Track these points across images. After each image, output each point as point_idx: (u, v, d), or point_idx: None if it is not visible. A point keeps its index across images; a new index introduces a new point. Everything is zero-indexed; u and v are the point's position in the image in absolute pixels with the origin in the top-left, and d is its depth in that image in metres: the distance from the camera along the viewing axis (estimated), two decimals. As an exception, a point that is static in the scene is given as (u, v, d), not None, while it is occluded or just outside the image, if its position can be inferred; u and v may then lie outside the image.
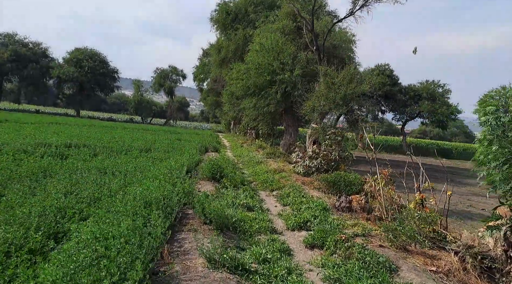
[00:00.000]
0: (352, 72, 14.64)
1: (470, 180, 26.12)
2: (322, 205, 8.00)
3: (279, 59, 20.40)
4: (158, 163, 12.05)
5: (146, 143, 19.06)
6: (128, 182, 7.98)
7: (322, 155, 12.14)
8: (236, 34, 30.66)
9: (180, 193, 6.87)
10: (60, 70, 61.41)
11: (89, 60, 63.89)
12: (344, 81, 14.27)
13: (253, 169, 15.26)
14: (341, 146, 11.94)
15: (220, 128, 65.82)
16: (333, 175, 10.18)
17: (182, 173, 9.50)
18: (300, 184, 11.25)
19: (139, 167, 10.53)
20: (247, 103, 23.57)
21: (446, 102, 53.14)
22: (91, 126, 30.53)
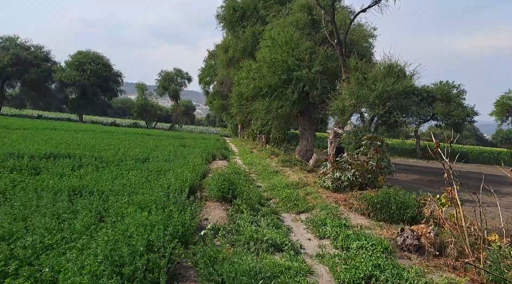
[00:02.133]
0: (390, 64, 12.29)
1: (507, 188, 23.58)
2: (381, 243, 5.60)
3: (295, 55, 18.11)
4: (155, 177, 9.75)
5: (145, 150, 16.81)
6: (104, 214, 5.70)
7: (356, 165, 9.77)
8: (244, 31, 28.43)
9: (175, 236, 4.55)
10: (62, 74, 59.68)
11: (92, 63, 62.15)
12: (379, 75, 11.94)
13: (270, 181, 12.92)
14: (380, 154, 9.57)
15: (227, 132, 63.62)
16: (381, 194, 7.78)
17: (183, 194, 7.17)
18: (333, 204, 8.88)
19: (129, 184, 8.24)
20: (258, 106, 21.29)
21: (461, 104, 50.51)
22: (89, 132, 28.42)
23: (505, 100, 54.32)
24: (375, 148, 9.62)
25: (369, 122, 12.00)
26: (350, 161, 10.05)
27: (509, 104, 54.04)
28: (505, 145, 75.17)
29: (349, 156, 10.43)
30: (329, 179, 10.20)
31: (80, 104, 63.98)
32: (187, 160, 14.24)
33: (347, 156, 10.55)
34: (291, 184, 11.51)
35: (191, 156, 15.68)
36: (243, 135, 45.29)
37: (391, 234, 6.40)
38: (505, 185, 26.44)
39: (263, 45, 19.92)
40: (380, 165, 9.43)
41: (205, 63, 58.92)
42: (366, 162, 9.80)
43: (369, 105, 11.79)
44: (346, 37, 16.87)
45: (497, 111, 54.78)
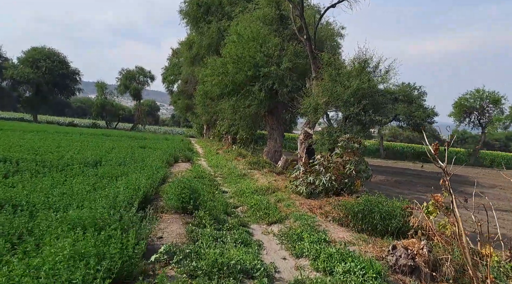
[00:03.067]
0: (365, 60, 11.54)
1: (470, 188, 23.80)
2: (371, 266, 4.64)
3: (263, 51, 17.14)
4: (103, 184, 8.40)
5: (99, 152, 15.22)
6: (25, 237, 4.40)
7: (332, 169, 8.89)
8: (209, 27, 27.17)
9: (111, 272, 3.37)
10: (14, 71, 55.64)
11: (47, 60, 58.37)
12: (354, 71, 11.17)
13: (237, 186, 11.85)
14: (358, 157, 8.75)
15: (192, 133, 61.80)
16: (362, 202, 6.90)
17: (133, 206, 5.93)
18: (308, 212, 7.94)
19: (70, 194, 6.89)
20: (224, 105, 20.16)
21: (422, 105, 51.79)
22: (41, 133, 26.07)
23: (462, 102, 56.32)
24: (352, 150, 8.78)
25: (343, 122, 11.15)
26: (325, 164, 9.15)
27: (466, 105, 56.15)
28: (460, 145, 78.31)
29: (323, 158, 9.54)
30: (302, 184, 9.26)
31: (34, 103, 59.96)
32: (145, 163, 12.89)
33: (321, 159, 9.65)
34: (260, 189, 10.49)
35: (150, 159, 14.31)
36: (209, 135, 43.93)
37: (379, 250, 5.50)
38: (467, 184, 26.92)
39: (228, 40, 18.80)
40: (359, 169, 8.60)
41: (169, 61, 56.94)
42: (343, 165, 8.94)
43: (343, 103, 11.01)
44: (315, 33, 16.09)
45: (455, 112, 56.67)
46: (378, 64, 11.44)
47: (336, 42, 23.15)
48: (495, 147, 76.64)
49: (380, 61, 11.44)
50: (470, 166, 54.16)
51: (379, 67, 11.45)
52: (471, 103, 55.11)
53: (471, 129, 61.93)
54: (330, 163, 9.24)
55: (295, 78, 16.84)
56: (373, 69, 11.50)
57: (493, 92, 53.54)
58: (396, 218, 6.53)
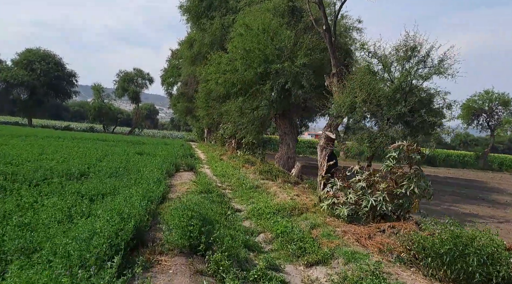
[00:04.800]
0: (413, 47, 9.45)
1: (497, 196, 21.80)
2: None
3: (274, 43, 15.14)
4: (83, 209, 6.33)
5: (88, 160, 13.16)
6: None
7: (385, 187, 6.82)
8: (212, 23, 25.12)
9: None
10: (8, 73, 53.60)
11: (42, 62, 56.33)
12: (400, 60, 9.12)
13: (252, 202, 9.78)
14: (418, 171, 6.70)
15: (192, 137, 59.71)
16: (448, 239, 4.82)
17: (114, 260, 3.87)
18: (356, 244, 5.89)
19: (31, 227, 4.86)
20: (230, 106, 18.15)
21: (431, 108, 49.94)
22: (30, 137, 23.98)
23: (471, 104, 54.71)
24: (410, 161, 6.73)
25: (385, 124, 9.08)
26: (373, 179, 7.08)
27: (474, 107, 54.54)
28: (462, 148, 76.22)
29: (364, 172, 7.48)
30: (343, 204, 7.17)
31: (29, 106, 57.88)
32: (141, 175, 10.82)
33: (361, 170, 7.59)
34: (283, 208, 8.40)
35: (148, 168, 12.25)
36: (210, 139, 41.86)
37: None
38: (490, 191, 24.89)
39: (235, 33, 16.79)
40: (420, 186, 6.55)
41: (168, 63, 55.00)
42: (395, 180, 6.89)
43: (387, 101, 8.98)
44: (335, 23, 14.10)
45: (463, 114, 54.96)
46: (429, 52, 9.41)
47: (350, 38, 21.23)
48: (499, 150, 74.73)
49: (433, 48, 9.38)
50: (480, 170, 52.18)
51: (430, 55, 9.42)
52: (479, 105, 53.39)
53: (479, 132, 59.99)
54: (376, 177, 7.18)
55: (311, 75, 14.81)
56: (423, 58, 9.47)
57: (502, 94, 51.83)
58: (503, 262, 4.47)
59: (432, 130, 9.44)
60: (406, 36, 9.40)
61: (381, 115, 9.25)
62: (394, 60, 9.53)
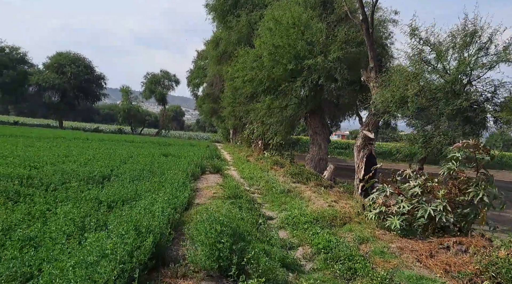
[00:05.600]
0: (473, 31, 8.26)
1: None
2: None
3: (305, 38, 14.18)
4: (99, 218, 5.62)
5: (112, 163, 12.64)
6: None
7: (445, 194, 5.75)
8: (238, 21, 24.37)
9: None
10: (40, 76, 54.99)
11: (72, 65, 57.47)
12: (457, 47, 7.96)
13: (284, 208, 8.88)
14: (487, 176, 5.62)
15: (218, 138, 59.40)
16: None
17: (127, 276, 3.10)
18: (421, 268, 4.88)
19: (35, 242, 4.18)
20: (257, 105, 17.33)
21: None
22: (58, 139, 24.03)
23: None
24: (478, 164, 5.64)
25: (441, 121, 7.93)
26: (431, 184, 6.02)
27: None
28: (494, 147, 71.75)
29: (419, 176, 6.43)
30: (395, 214, 6.14)
31: (60, 109, 59.27)
32: (165, 177, 10.14)
33: (414, 174, 6.54)
34: (321, 217, 7.44)
35: (173, 171, 11.57)
36: (236, 140, 41.23)
37: None
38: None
39: (263, 28, 15.93)
40: (486, 192, 5.46)
41: (194, 64, 54.93)
42: (458, 187, 5.81)
43: (444, 94, 7.83)
44: (373, 13, 13.01)
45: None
46: (491, 37, 8.18)
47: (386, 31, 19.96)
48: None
49: (497, 32, 8.11)
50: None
51: (493, 41, 8.18)
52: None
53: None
54: (433, 182, 6.12)
55: (346, 70, 13.75)
56: (485, 44, 8.24)
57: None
58: None
59: (499, 128, 8.19)
60: (464, 20, 8.22)
61: (436, 111, 8.11)
62: (450, 47, 8.36)
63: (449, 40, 8.46)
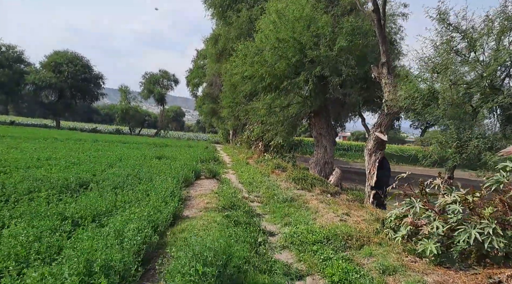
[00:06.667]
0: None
1: None
2: None
3: (311, 30, 13.00)
4: (51, 244, 4.40)
5: (97, 166, 11.42)
6: None
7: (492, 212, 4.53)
8: (238, 16, 23.20)
9: None
10: (36, 75, 53.77)
11: (70, 64, 56.28)
12: (498, 32, 6.74)
13: (289, 224, 7.65)
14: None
15: (217, 139, 58.23)
16: None
17: None
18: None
19: None
20: (258, 104, 16.15)
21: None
22: (48, 140, 22.85)
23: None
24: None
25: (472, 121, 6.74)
26: (473, 200, 4.81)
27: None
28: None
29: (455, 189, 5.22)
30: (429, 237, 4.91)
31: (57, 108, 58.06)
32: (152, 185, 8.92)
33: (448, 186, 5.33)
34: (333, 234, 6.21)
35: (163, 176, 10.36)
36: (236, 142, 40.07)
37: None
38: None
39: (266, 21, 14.71)
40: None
41: (194, 64, 53.83)
42: (508, 204, 4.61)
43: (479, 89, 6.62)
44: (385, 2, 11.81)
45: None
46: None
47: (396, 26, 18.77)
48: None
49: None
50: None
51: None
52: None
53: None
54: (475, 196, 4.91)
55: (353, 63, 12.56)
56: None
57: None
58: None
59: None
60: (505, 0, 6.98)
61: (471, 109, 6.88)
62: (485, 34, 7.14)
63: (485, 26, 7.24)
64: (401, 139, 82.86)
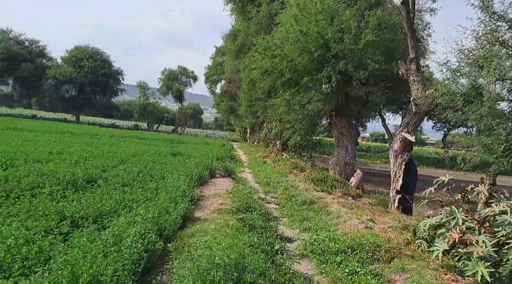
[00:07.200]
0: None
1: None
2: None
3: (334, 24, 12.29)
4: (40, 250, 3.91)
5: (109, 162, 11.04)
6: None
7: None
8: (258, 11, 22.57)
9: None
10: (58, 70, 54.47)
11: (90, 59, 56.86)
12: None
13: (309, 229, 7.03)
14: None
15: (235, 137, 57.87)
16: None
17: None
18: None
19: None
20: (277, 101, 15.54)
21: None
22: (64, 134, 22.81)
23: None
24: None
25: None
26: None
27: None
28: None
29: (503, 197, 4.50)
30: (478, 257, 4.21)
31: (77, 103, 58.79)
32: (164, 183, 8.44)
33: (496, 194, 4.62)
34: (358, 245, 5.57)
35: (176, 174, 9.88)
36: (253, 140, 39.55)
37: None
38: None
39: (287, 15, 14.06)
40: None
41: (212, 60, 53.54)
42: None
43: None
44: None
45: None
46: None
47: (422, 22, 17.84)
48: None
49: None
50: None
51: None
52: None
53: None
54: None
55: (379, 58, 11.79)
56: None
57: None
58: None
59: None
60: None
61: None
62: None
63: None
64: (421, 141, 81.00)
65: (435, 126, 48.02)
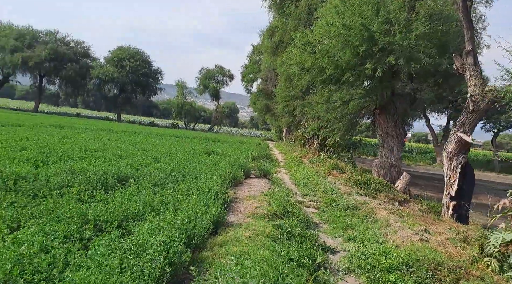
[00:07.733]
0: None
1: None
2: None
3: (381, 15, 11.36)
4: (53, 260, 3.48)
5: (142, 160, 10.79)
6: None
7: None
8: (297, 6, 21.85)
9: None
10: (100, 70, 56.37)
11: (131, 59, 58.36)
12: None
13: (354, 238, 6.30)
14: None
15: (270, 135, 57.37)
16: None
17: None
18: None
19: None
20: (315, 98, 14.77)
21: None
22: (103, 131, 23.17)
23: None
24: None
25: None
26: None
27: None
28: None
29: None
30: None
31: (118, 102, 60.60)
32: (196, 183, 7.98)
33: None
34: (414, 261, 4.79)
35: (209, 173, 9.42)
36: (289, 139, 38.81)
37: None
38: None
39: (327, 8, 13.27)
40: None
41: (249, 59, 53.38)
42: None
43: None
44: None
45: None
46: None
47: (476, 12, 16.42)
48: None
49: None
50: None
51: None
52: None
53: None
54: None
55: (432, 51, 10.74)
56: None
57: None
58: None
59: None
60: None
61: None
62: None
63: None
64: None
65: (484, 127, 44.97)
